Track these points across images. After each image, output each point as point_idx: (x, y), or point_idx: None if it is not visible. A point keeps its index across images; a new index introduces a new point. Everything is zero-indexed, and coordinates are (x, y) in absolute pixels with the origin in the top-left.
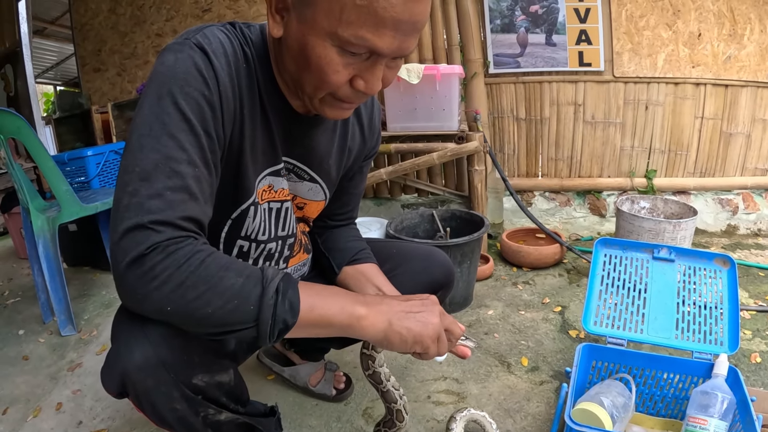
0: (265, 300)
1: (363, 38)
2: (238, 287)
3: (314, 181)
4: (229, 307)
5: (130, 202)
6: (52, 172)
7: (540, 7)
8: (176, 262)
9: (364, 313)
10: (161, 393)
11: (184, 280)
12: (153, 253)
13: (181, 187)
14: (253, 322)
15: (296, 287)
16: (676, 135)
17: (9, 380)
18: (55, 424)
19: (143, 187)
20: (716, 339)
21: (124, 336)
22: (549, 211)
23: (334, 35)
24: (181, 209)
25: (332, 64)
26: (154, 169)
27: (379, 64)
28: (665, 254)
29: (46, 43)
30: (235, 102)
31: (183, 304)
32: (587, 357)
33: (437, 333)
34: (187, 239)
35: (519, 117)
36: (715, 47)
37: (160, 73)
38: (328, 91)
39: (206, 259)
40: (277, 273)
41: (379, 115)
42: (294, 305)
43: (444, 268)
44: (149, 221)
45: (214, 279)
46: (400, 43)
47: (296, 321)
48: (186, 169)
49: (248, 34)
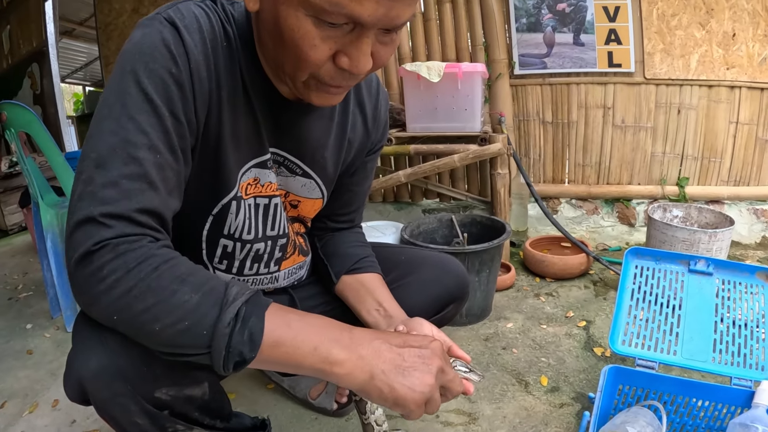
0: (219, 326)
1: (338, 4)
2: (192, 305)
3: (308, 176)
4: (180, 327)
5: (83, 191)
6: (62, 167)
7: (567, 6)
8: (125, 264)
9: (341, 358)
10: (119, 405)
11: (131, 288)
12: (102, 250)
13: (139, 174)
14: (206, 349)
15: (262, 314)
16: (710, 141)
17: (11, 374)
18: (49, 422)
19: (98, 175)
20: (757, 363)
21: (81, 340)
22: (575, 219)
23: (306, 3)
24: (136, 200)
25: (307, 38)
26: (110, 155)
27: (364, 36)
28: (703, 266)
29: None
30: (210, 83)
31: (130, 315)
32: (613, 380)
33: (425, 398)
34: (142, 239)
35: (545, 120)
36: (750, 48)
37: (125, 51)
38: (309, 71)
39: (161, 266)
40: (243, 292)
41: (386, 105)
42: (254, 337)
43: (458, 278)
44: (100, 213)
45: (165, 292)
46: (387, 11)
47: (255, 356)
48: (146, 155)
49: (230, 11)
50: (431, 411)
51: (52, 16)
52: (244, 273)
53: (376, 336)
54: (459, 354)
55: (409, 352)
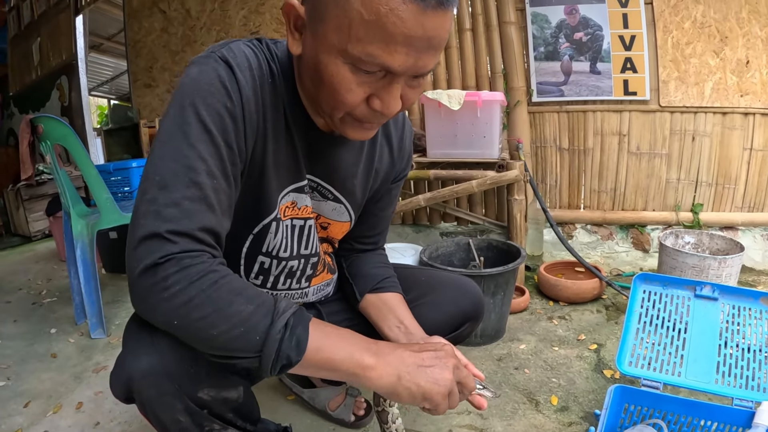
0: (272, 332)
1: (373, 55)
2: (247, 314)
3: (338, 201)
4: (235, 333)
5: (147, 210)
6: (95, 179)
7: (584, 35)
8: (188, 277)
9: (372, 363)
10: (164, 403)
11: (193, 297)
12: (167, 263)
13: (199, 197)
14: (257, 353)
15: (307, 325)
16: (724, 167)
17: (35, 375)
18: (72, 423)
19: (161, 196)
20: (759, 385)
21: (133, 342)
22: (590, 245)
23: (344, 52)
24: (198, 219)
25: (345, 82)
26: (172, 178)
27: (395, 82)
28: (708, 292)
29: (102, 58)
30: (258, 116)
31: (189, 322)
32: (619, 399)
33: (448, 390)
34: (203, 254)
35: (562, 147)
36: (764, 75)
37: (184, 85)
38: (345, 111)
39: (219, 281)
40: (289, 306)
41: (411, 137)
42: (301, 343)
43: (474, 299)
44: (165, 230)
45: (223, 302)
46: (415, 61)
47: (300, 359)
48: (205, 180)
49: (274, 50)
50: (453, 405)
51: (82, 31)
52: (277, 287)
53: (398, 346)
54: (474, 372)
55: (427, 354)
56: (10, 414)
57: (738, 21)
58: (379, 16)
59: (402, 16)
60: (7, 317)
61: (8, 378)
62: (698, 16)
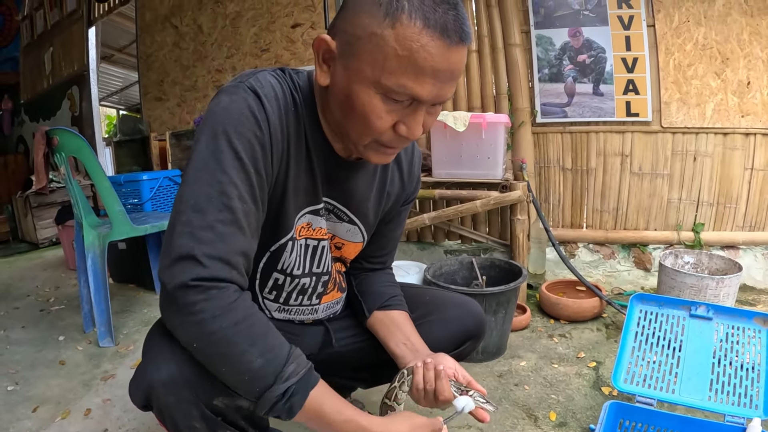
0: (268, 394)
1: (405, 86)
2: (255, 368)
3: (353, 223)
4: (239, 378)
5: (183, 231)
6: (108, 191)
7: (588, 57)
8: (212, 310)
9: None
10: (182, 410)
11: (213, 332)
12: (196, 290)
13: (232, 220)
14: (254, 399)
15: (307, 394)
16: (725, 187)
17: (43, 381)
18: (81, 428)
19: (196, 218)
20: (751, 402)
21: (154, 352)
22: (592, 264)
23: (377, 83)
24: (230, 242)
25: (376, 111)
26: (206, 202)
27: (420, 110)
28: (703, 312)
29: (112, 68)
30: (283, 143)
31: (206, 351)
32: (614, 415)
33: None
34: (230, 286)
35: (565, 167)
36: (765, 95)
37: (216, 113)
38: (373, 137)
39: (239, 324)
40: (297, 372)
41: (420, 162)
42: (293, 409)
43: (476, 318)
44: (200, 253)
45: (237, 349)
46: (439, 90)
47: (290, 419)
48: (236, 204)
49: (297, 80)
50: None
51: (94, 43)
52: (289, 303)
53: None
54: (476, 387)
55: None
56: (19, 418)
57: (739, 42)
58: (411, 52)
59: (431, 52)
60: (16, 323)
61: (16, 383)
62: (700, 38)
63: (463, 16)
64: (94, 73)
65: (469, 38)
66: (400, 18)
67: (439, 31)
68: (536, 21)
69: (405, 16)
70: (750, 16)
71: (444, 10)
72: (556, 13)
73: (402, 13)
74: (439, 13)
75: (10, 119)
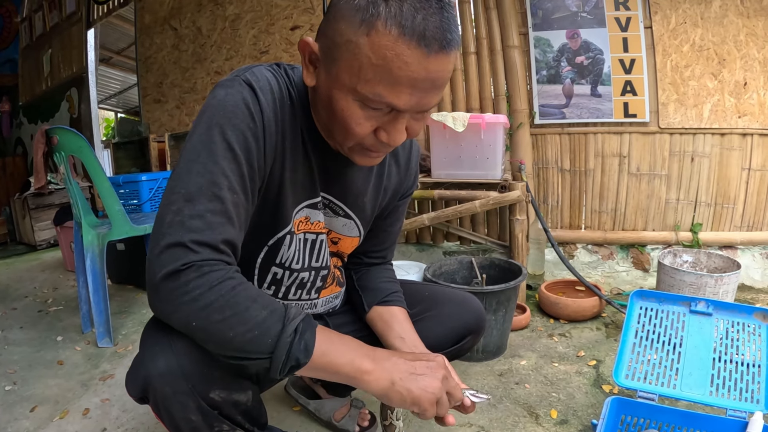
0: (283, 336)
1: (380, 95)
2: (261, 319)
3: (348, 217)
4: (249, 336)
5: (173, 220)
6: (107, 192)
7: (586, 59)
8: (208, 282)
9: (369, 368)
10: (178, 402)
11: (212, 301)
12: (188, 270)
13: (221, 210)
14: (268, 354)
15: (314, 331)
16: (723, 187)
17: (41, 381)
18: (79, 428)
19: (186, 207)
20: (752, 396)
21: (150, 343)
22: (591, 264)
23: (354, 91)
24: (219, 231)
25: (354, 117)
26: (197, 192)
27: (400, 118)
28: (702, 308)
29: (110, 71)
30: (277, 136)
31: (208, 324)
32: (616, 410)
33: (436, 398)
34: (220, 263)
35: (563, 168)
36: (762, 96)
37: (211, 106)
38: (355, 141)
39: (237, 287)
40: (299, 313)
41: (417, 157)
42: (309, 347)
43: (475, 314)
44: (189, 240)
45: (240, 307)
46: (419, 100)
47: (308, 362)
48: (226, 195)
49: (292, 75)
50: (442, 412)
51: (93, 45)
52: (288, 298)
53: (394, 353)
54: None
55: (419, 363)
56: (17, 418)
57: (736, 44)
58: (386, 61)
59: (407, 61)
60: (14, 323)
61: (14, 383)
62: (696, 39)
63: (448, 22)
64: (93, 75)
65: (453, 45)
66: (375, 25)
67: (416, 39)
68: (534, 23)
69: (380, 23)
70: (746, 17)
71: (424, 16)
72: (554, 15)
73: (377, 20)
74: (419, 19)
75: (9, 121)
